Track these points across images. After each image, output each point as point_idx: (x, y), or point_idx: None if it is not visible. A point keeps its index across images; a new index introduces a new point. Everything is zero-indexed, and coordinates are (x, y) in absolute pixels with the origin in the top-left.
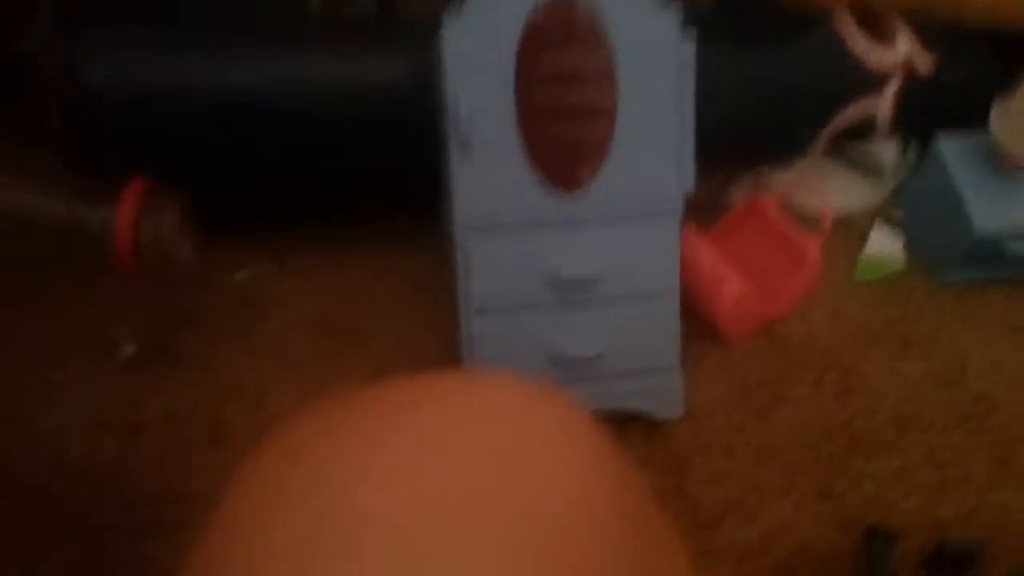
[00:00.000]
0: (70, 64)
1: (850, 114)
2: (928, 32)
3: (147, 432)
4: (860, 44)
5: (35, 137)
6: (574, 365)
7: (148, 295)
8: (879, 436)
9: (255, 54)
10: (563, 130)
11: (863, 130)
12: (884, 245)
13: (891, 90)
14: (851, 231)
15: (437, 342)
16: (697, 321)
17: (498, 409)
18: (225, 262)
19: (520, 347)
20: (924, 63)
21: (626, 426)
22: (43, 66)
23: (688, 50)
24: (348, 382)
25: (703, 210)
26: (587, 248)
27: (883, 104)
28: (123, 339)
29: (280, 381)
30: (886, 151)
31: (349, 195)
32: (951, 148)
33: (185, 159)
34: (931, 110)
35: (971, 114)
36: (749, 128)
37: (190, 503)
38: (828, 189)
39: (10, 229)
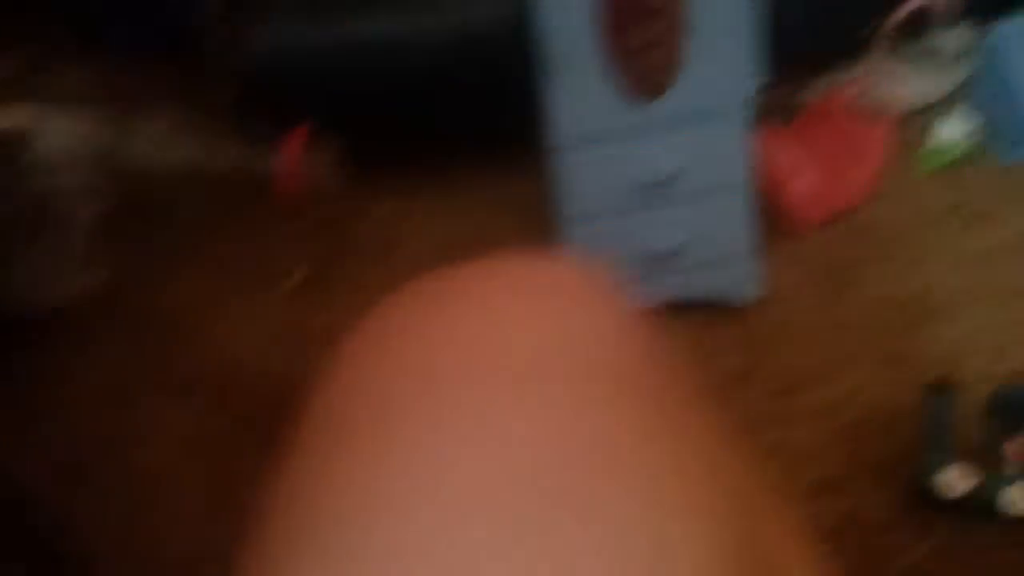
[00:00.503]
0: (238, 32)
1: (911, 3)
2: None
3: (311, 346)
4: None
5: (201, 98)
6: (659, 259)
7: (309, 228)
8: (946, 305)
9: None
10: (640, 34)
11: (927, 19)
12: (951, 133)
13: None
14: (922, 121)
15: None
16: (776, 211)
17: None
18: (372, 195)
19: (611, 247)
20: None
21: (711, 310)
22: (214, 35)
23: None
24: None
25: (782, 111)
26: (668, 147)
27: None
28: (290, 268)
29: None
30: (950, 40)
31: (466, 131)
32: (1013, 33)
33: (337, 108)
34: None
35: None
36: (819, 18)
37: None
38: (898, 80)
39: (186, 178)
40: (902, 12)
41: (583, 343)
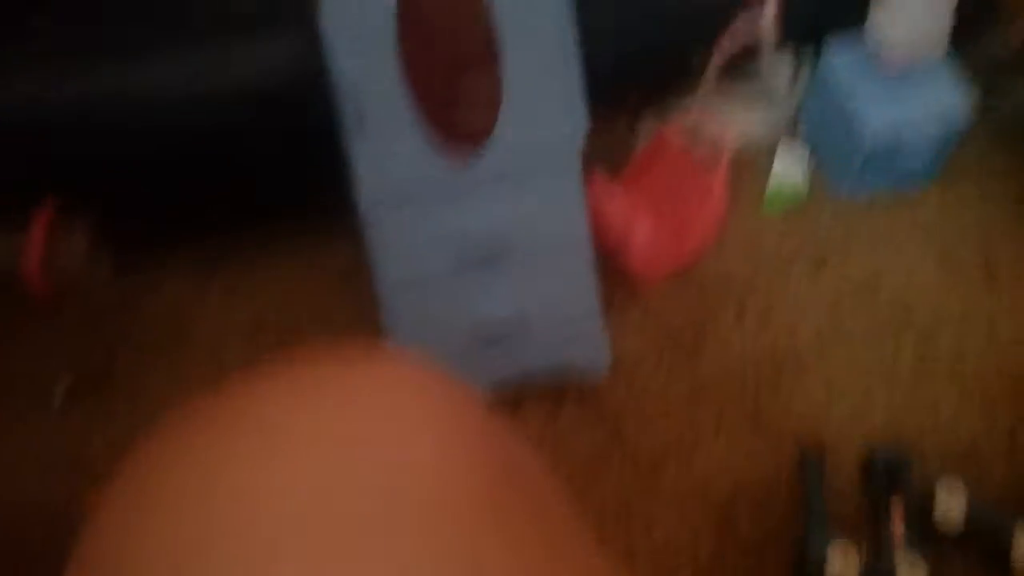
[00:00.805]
0: None
1: (736, 31)
2: None
3: (95, 465)
4: None
5: None
6: (495, 327)
7: (74, 326)
8: (803, 355)
9: (156, 60)
10: (451, 86)
11: (752, 48)
12: (789, 172)
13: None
14: (756, 160)
15: (368, 329)
16: (614, 269)
17: (373, 394)
18: (150, 280)
19: (439, 318)
20: None
21: (560, 388)
22: None
23: None
24: None
25: (611, 156)
26: (492, 207)
27: (766, 14)
28: (59, 373)
29: None
30: (779, 70)
31: (263, 193)
32: (838, 56)
33: (100, 178)
34: (816, 19)
35: (857, 19)
36: (636, 58)
37: None
38: (728, 118)
39: None
40: (729, 38)
41: (421, 479)
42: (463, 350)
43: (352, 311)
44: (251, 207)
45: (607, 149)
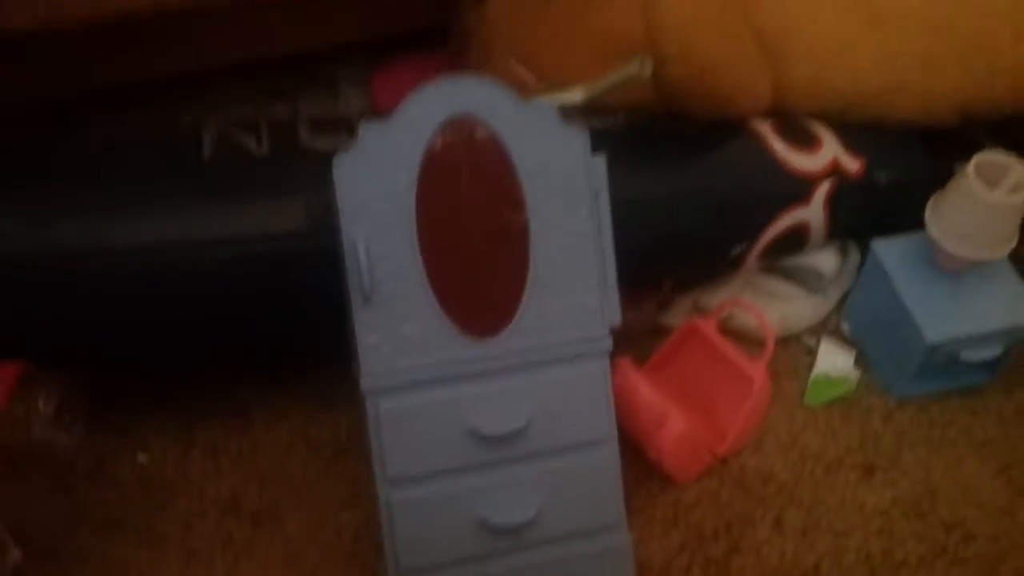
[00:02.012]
0: None
1: (781, 223)
2: (857, 134)
3: None
4: (781, 150)
5: None
6: (505, 533)
7: (34, 495)
8: None
9: (140, 213)
10: (473, 267)
11: (798, 240)
12: (834, 363)
13: (820, 195)
14: (798, 350)
15: (355, 517)
16: (643, 464)
17: None
18: (124, 445)
19: (443, 517)
20: (852, 165)
21: None
22: None
23: (600, 169)
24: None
25: (639, 340)
26: (510, 398)
27: (813, 210)
28: (7, 547)
29: None
30: (824, 261)
31: (256, 358)
32: (890, 253)
33: (66, 336)
34: (867, 214)
35: (908, 215)
36: (676, 246)
37: None
38: (768, 307)
39: None
40: (773, 229)
41: None
42: (468, 559)
43: (342, 495)
44: (242, 369)
45: (638, 335)
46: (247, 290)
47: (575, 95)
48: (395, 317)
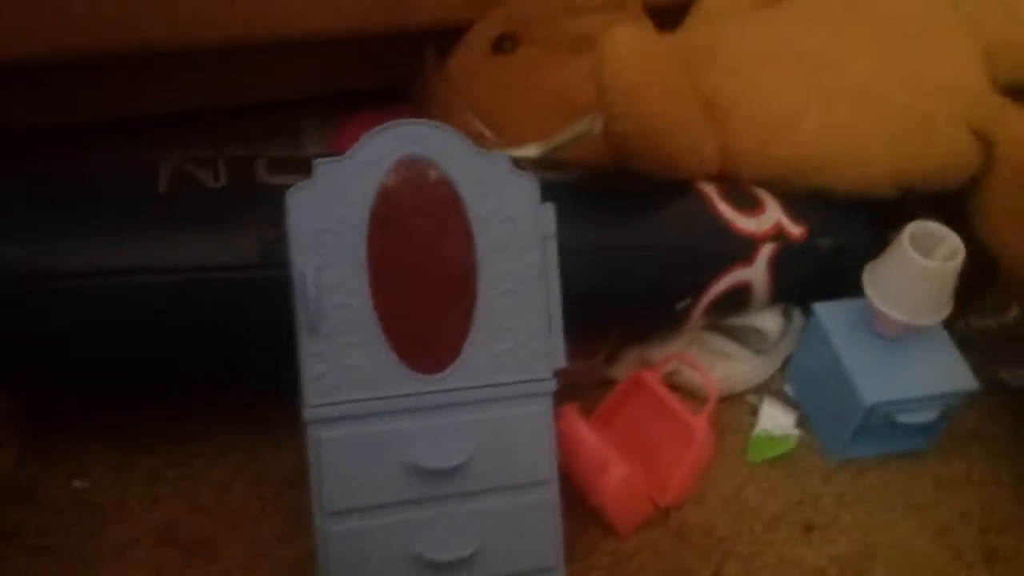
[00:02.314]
0: None
1: (725, 281)
2: (799, 201)
3: None
4: (726, 211)
5: None
6: (442, 570)
7: None
8: None
9: (91, 240)
10: (421, 304)
11: (742, 300)
12: (776, 422)
13: (763, 256)
14: (742, 408)
15: (293, 551)
16: (584, 513)
17: None
18: (60, 469)
19: (380, 551)
20: (795, 229)
21: None
22: None
23: (548, 217)
24: None
25: (587, 391)
26: (452, 434)
27: (756, 270)
28: None
29: None
30: (769, 322)
31: (200, 388)
32: (831, 317)
33: (11, 357)
34: (809, 277)
35: (849, 280)
36: (623, 297)
37: None
38: (713, 365)
39: None
40: (717, 287)
41: None
42: None
43: (281, 530)
44: (188, 401)
45: (585, 386)
46: (195, 318)
47: (530, 150)
48: (340, 348)
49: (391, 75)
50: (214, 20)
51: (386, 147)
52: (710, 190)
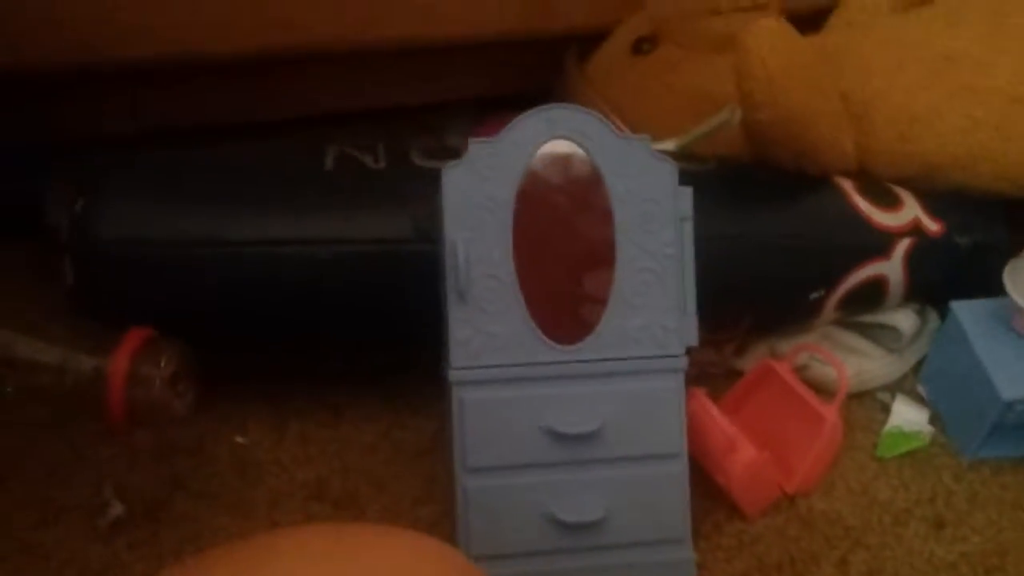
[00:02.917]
0: (84, 219)
1: (860, 274)
2: (937, 198)
3: None
4: (863, 205)
5: (46, 284)
6: (573, 531)
7: (140, 457)
8: None
9: (261, 210)
10: (562, 278)
11: (876, 294)
12: (908, 419)
13: (900, 251)
14: (873, 405)
15: (429, 513)
16: (711, 495)
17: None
18: (224, 427)
19: (515, 508)
20: (932, 226)
21: None
22: (58, 219)
23: (686, 199)
24: None
25: (715, 381)
26: (586, 402)
27: (892, 265)
28: (111, 500)
29: None
30: (903, 320)
31: (352, 356)
32: (968, 315)
33: (189, 316)
34: (945, 275)
35: (988, 279)
36: (757, 284)
37: None
38: (844, 361)
39: (10, 370)
40: (852, 280)
41: None
42: (536, 552)
43: (419, 492)
44: (338, 372)
45: (714, 376)
46: (352, 288)
47: (668, 144)
48: (485, 316)
49: (533, 79)
50: (378, 21)
51: (535, 129)
52: (847, 185)
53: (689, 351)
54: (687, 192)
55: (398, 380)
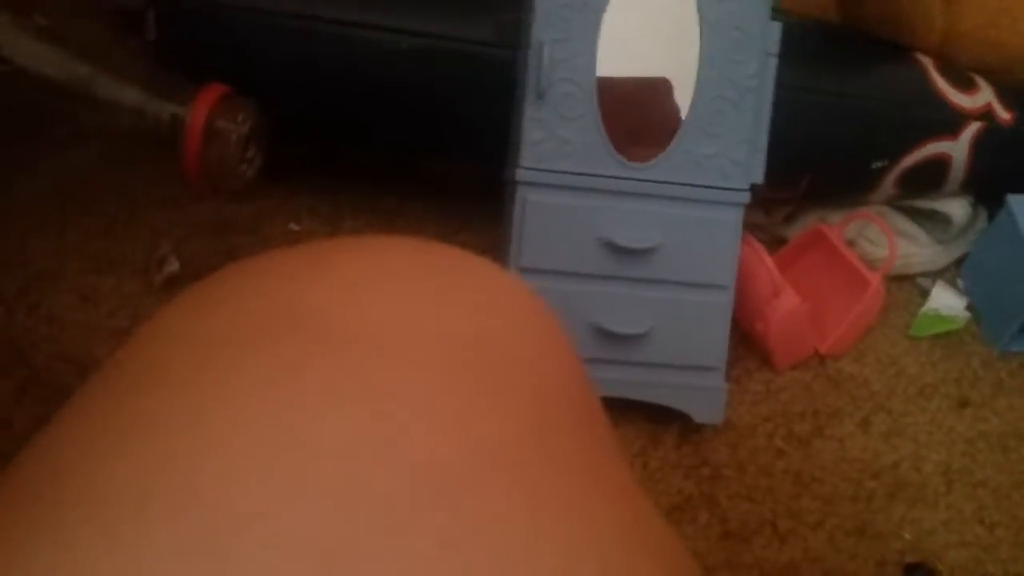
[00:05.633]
0: None
1: (925, 150)
2: (1013, 89)
3: None
4: (940, 83)
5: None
6: (616, 342)
7: (198, 229)
8: (926, 485)
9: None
10: (638, 94)
11: (937, 174)
12: (945, 303)
13: (969, 133)
14: (913, 289)
15: None
16: (745, 345)
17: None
18: (280, 213)
19: (563, 313)
20: (1005, 114)
21: (662, 425)
22: None
23: (775, 34)
24: None
25: (765, 244)
26: (647, 221)
27: (959, 146)
28: (168, 256)
29: None
30: (956, 208)
31: (415, 156)
32: (1022, 208)
33: (260, 86)
34: (1009, 164)
35: None
36: (823, 144)
37: None
38: (895, 237)
39: (89, 107)
40: (917, 155)
41: (501, 338)
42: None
43: None
44: (412, 163)
45: (764, 230)
46: (427, 80)
47: None
48: (559, 120)
49: None
50: None
51: None
52: (927, 61)
53: (753, 188)
54: (776, 28)
55: (453, 191)
